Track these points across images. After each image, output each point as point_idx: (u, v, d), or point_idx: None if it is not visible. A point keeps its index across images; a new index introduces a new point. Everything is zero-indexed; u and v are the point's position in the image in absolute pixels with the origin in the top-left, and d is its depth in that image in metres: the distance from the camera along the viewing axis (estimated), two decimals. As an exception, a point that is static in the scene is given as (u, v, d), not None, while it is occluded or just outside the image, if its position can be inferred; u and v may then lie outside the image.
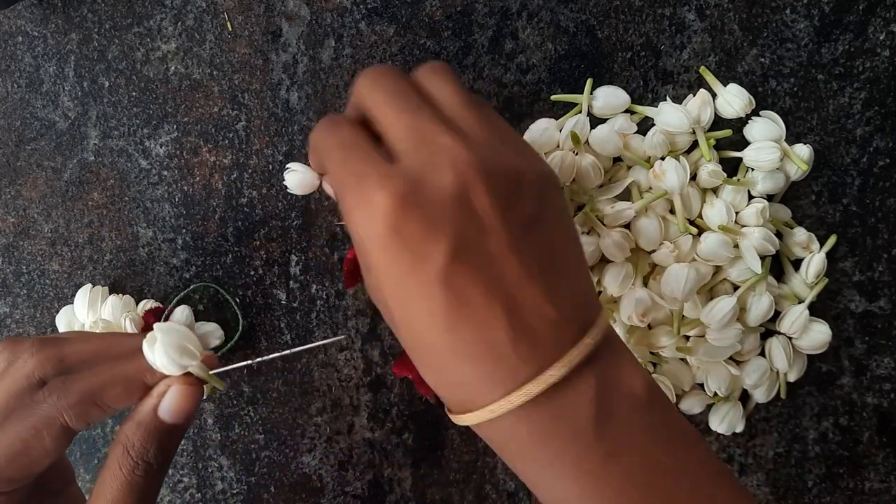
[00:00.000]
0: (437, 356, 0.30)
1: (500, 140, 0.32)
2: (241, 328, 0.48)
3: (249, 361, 0.37)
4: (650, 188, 0.44)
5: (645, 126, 0.45)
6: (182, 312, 0.46)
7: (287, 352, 0.40)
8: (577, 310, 0.30)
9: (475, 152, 0.30)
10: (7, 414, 0.33)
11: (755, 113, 0.45)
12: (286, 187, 0.41)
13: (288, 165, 0.40)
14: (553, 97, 0.46)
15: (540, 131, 0.45)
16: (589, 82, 0.45)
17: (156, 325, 0.33)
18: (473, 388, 0.30)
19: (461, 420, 0.31)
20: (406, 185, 0.29)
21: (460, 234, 0.29)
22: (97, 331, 0.44)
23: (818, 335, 0.45)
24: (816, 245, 0.46)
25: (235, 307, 0.48)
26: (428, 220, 0.28)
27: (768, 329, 0.46)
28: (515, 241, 0.29)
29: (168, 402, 0.34)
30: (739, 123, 0.45)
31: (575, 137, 0.44)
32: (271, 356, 0.37)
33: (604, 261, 0.45)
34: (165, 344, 0.33)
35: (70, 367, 0.34)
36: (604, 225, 0.44)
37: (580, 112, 0.45)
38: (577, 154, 0.44)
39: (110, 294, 0.47)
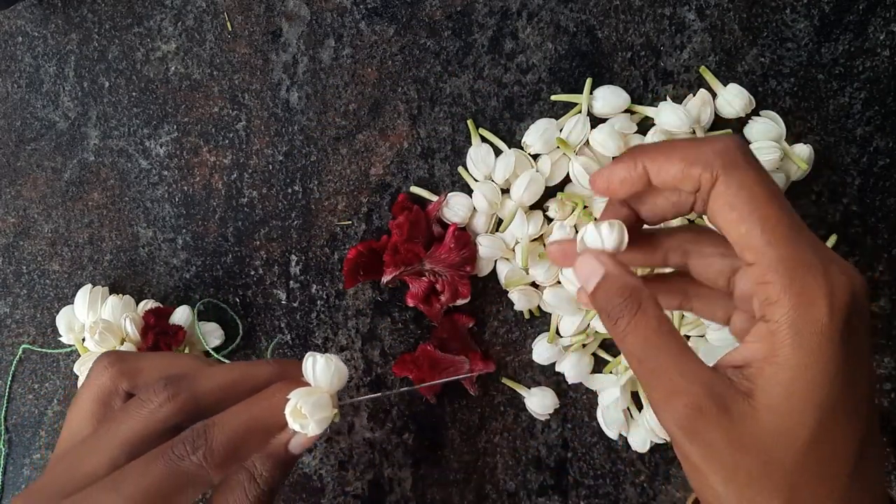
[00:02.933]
0: None
1: None
2: (238, 338, 0.48)
3: (381, 394, 0.38)
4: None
5: (645, 126, 0.45)
6: (183, 313, 0.46)
7: (408, 388, 0.41)
8: None
9: None
10: (142, 449, 0.31)
11: (755, 113, 0.45)
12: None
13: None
14: (553, 97, 0.46)
15: (540, 132, 0.45)
16: (588, 82, 0.45)
17: (293, 394, 0.32)
18: None
19: None
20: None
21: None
22: (97, 331, 0.44)
23: (818, 335, 0.45)
24: (816, 245, 0.46)
25: (234, 315, 0.48)
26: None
27: (768, 329, 0.46)
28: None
29: (300, 439, 0.33)
30: (739, 123, 0.45)
31: (562, 143, 0.44)
32: (390, 392, 0.37)
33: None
34: (312, 410, 0.32)
35: (205, 410, 0.33)
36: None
37: (580, 112, 0.45)
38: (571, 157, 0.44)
39: (110, 294, 0.47)
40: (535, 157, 0.46)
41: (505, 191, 0.46)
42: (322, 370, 0.33)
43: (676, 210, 0.32)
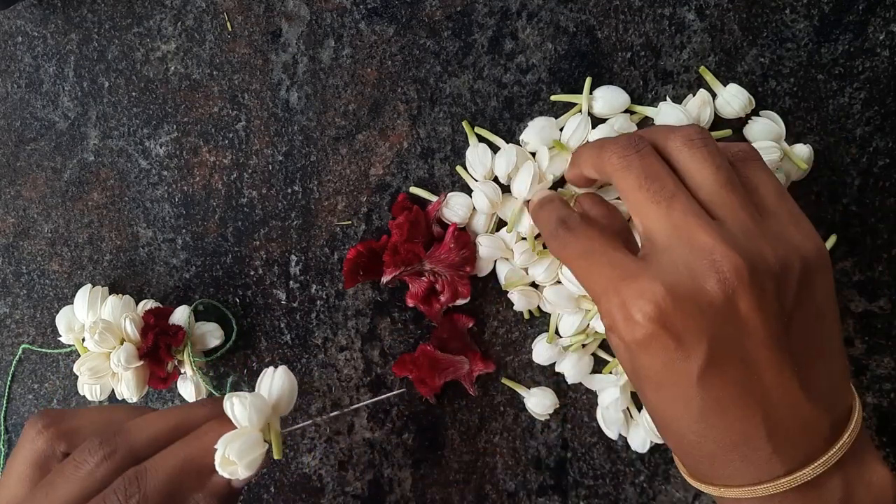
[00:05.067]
0: (687, 441, 0.31)
1: (762, 222, 0.31)
2: (234, 334, 0.48)
3: (310, 422, 0.37)
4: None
5: (645, 126, 0.45)
6: (182, 312, 0.46)
7: (348, 409, 0.41)
8: (832, 401, 0.30)
9: (737, 252, 0.29)
10: None
11: (755, 113, 0.45)
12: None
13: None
14: (553, 97, 0.46)
15: (538, 129, 0.45)
16: (588, 81, 0.45)
17: (220, 442, 0.32)
18: (719, 469, 0.30)
19: (700, 487, 0.32)
20: (666, 292, 0.29)
21: (719, 338, 0.29)
22: (97, 331, 0.44)
23: (818, 335, 0.45)
24: (816, 245, 0.46)
25: (229, 314, 0.48)
26: (688, 326, 0.29)
27: (768, 329, 0.46)
28: (775, 340, 0.29)
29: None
30: (739, 123, 0.45)
31: (559, 145, 0.44)
32: (334, 413, 0.38)
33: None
34: (239, 455, 0.31)
35: (142, 459, 0.32)
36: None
37: (580, 111, 0.45)
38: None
39: (110, 294, 0.47)
40: (534, 154, 0.46)
41: (506, 189, 0.46)
42: (240, 411, 0.32)
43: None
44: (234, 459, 0.31)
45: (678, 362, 0.29)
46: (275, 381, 0.34)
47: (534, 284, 0.46)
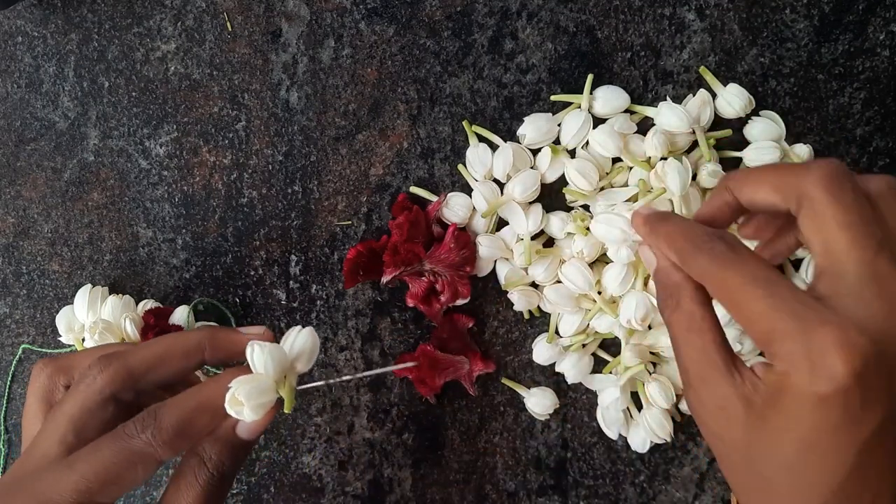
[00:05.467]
0: (805, 500, 0.28)
1: None
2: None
3: (323, 382, 0.38)
4: (650, 189, 0.44)
5: (645, 126, 0.45)
6: (183, 313, 0.46)
7: (360, 374, 0.40)
8: None
9: None
10: (84, 430, 0.33)
11: (755, 113, 0.45)
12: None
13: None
14: (553, 97, 0.46)
15: (534, 123, 0.45)
16: (590, 78, 0.45)
17: (234, 382, 0.33)
18: None
19: None
20: (873, 346, 0.26)
21: (893, 408, 0.27)
22: (97, 331, 0.44)
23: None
24: (816, 245, 0.46)
25: (229, 314, 0.48)
26: (880, 387, 0.27)
27: (768, 329, 0.46)
28: None
29: (247, 423, 0.34)
30: (739, 123, 0.45)
31: (554, 149, 0.44)
32: (346, 378, 0.37)
33: (602, 260, 0.45)
34: (248, 396, 0.32)
35: (139, 378, 0.34)
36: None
37: (578, 108, 0.45)
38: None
39: (110, 294, 0.47)
40: (536, 152, 0.46)
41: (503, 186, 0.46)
42: (258, 357, 0.33)
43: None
44: (241, 399, 0.32)
45: (850, 425, 0.27)
46: (298, 339, 0.35)
47: (534, 284, 0.46)
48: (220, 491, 0.34)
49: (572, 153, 0.46)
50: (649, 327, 0.45)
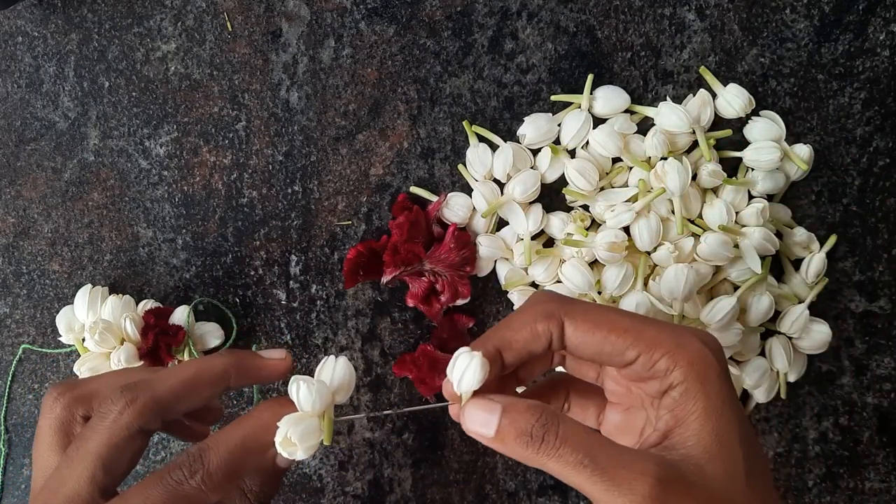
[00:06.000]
0: None
1: None
2: (233, 334, 0.48)
3: (363, 415, 0.38)
4: (650, 189, 0.44)
5: (645, 126, 0.45)
6: (183, 313, 0.46)
7: (402, 410, 0.40)
8: None
9: None
10: (114, 467, 0.32)
11: (755, 113, 0.45)
12: None
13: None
14: (553, 97, 0.46)
15: (534, 123, 0.45)
16: (590, 78, 0.45)
17: (283, 423, 0.32)
18: None
19: None
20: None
21: None
22: (97, 331, 0.44)
23: (818, 335, 0.45)
24: (816, 245, 0.46)
25: (229, 314, 0.48)
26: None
27: (768, 329, 0.46)
28: None
29: (286, 457, 0.34)
30: (739, 123, 0.45)
31: (554, 149, 0.44)
32: (387, 412, 0.37)
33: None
34: (301, 438, 0.32)
35: (167, 409, 0.33)
36: (600, 227, 0.43)
37: (578, 108, 0.45)
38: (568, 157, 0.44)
39: (110, 294, 0.47)
40: (536, 152, 0.46)
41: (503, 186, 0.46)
42: (304, 396, 0.33)
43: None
44: (295, 441, 0.32)
45: None
46: (336, 370, 0.34)
47: (534, 284, 0.46)
48: None
49: (572, 153, 0.46)
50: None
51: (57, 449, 0.34)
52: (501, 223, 0.47)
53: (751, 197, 0.45)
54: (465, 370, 0.31)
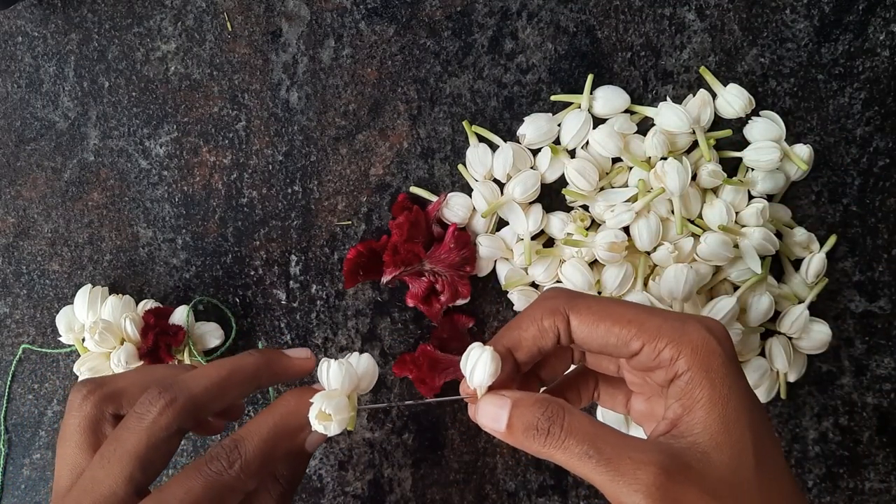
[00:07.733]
0: None
1: None
2: (233, 333, 0.48)
3: (386, 404, 0.39)
4: (650, 189, 0.44)
5: (645, 126, 0.45)
6: (182, 313, 0.46)
7: (426, 401, 0.40)
8: None
9: None
10: (151, 467, 0.32)
11: (755, 113, 0.45)
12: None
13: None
14: (553, 97, 0.46)
15: (534, 123, 0.45)
16: (590, 78, 0.45)
17: (316, 399, 0.33)
18: None
19: None
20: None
21: None
22: (97, 331, 0.44)
23: (818, 335, 0.45)
24: (816, 245, 0.46)
25: (229, 314, 0.48)
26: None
27: (768, 329, 0.46)
28: None
29: (315, 437, 0.35)
30: (739, 123, 0.45)
31: (554, 149, 0.44)
32: (409, 402, 0.38)
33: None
34: (336, 410, 0.33)
35: (203, 410, 0.34)
36: (600, 227, 0.43)
37: (578, 108, 0.45)
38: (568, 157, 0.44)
39: (110, 294, 0.47)
40: (536, 152, 0.46)
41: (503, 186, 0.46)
42: (335, 374, 0.34)
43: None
44: (329, 412, 0.33)
45: None
46: (361, 362, 0.35)
47: (534, 284, 0.46)
48: (289, 502, 0.35)
49: (572, 153, 0.46)
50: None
51: (86, 447, 0.33)
52: (501, 223, 0.47)
53: (751, 197, 0.45)
54: (476, 363, 0.32)
